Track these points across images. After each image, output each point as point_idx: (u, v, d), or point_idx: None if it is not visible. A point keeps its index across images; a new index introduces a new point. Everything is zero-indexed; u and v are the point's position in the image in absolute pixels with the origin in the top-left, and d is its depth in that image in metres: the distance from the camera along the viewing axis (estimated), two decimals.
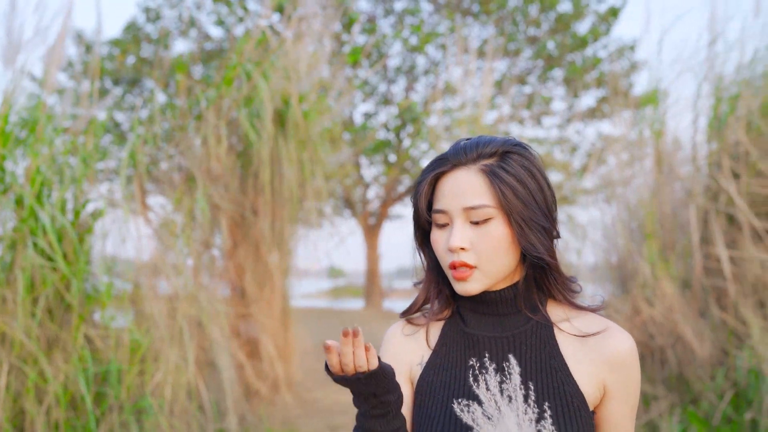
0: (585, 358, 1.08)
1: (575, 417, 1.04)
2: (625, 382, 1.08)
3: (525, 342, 1.11)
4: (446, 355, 1.15)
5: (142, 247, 4.25)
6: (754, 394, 4.15)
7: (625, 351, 1.08)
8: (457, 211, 1.09)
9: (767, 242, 4.59)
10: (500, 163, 1.08)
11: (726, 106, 5.07)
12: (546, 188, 1.10)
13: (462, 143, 1.12)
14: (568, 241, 5.98)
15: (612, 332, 1.10)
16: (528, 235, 1.07)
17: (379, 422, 1.03)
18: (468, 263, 1.08)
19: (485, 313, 1.14)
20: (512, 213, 1.06)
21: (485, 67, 6.89)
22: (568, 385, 1.06)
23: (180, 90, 5.06)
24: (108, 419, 3.56)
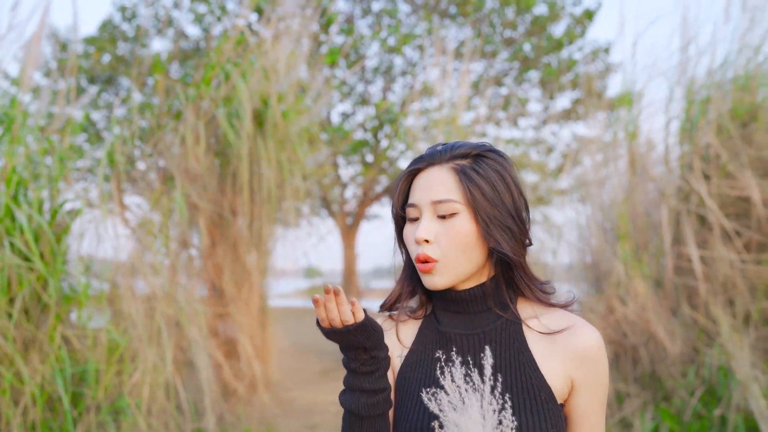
0: (552, 353, 1.12)
1: (542, 410, 1.08)
2: (592, 377, 1.12)
3: (495, 339, 1.15)
4: (422, 353, 1.19)
5: (120, 246, 4.24)
6: (724, 390, 4.24)
7: (592, 346, 1.12)
8: (425, 205, 1.13)
9: (737, 242, 4.69)
10: (472, 164, 1.13)
11: (697, 110, 5.17)
12: (516, 194, 1.14)
13: (437, 146, 1.18)
14: (543, 241, 6.05)
15: (578, 328, 1.13)
16: (493, 233, 1.11)
17: (368, 379, 1.09)
18: (431, 256, 1.12)
19: (457, 312, 1.18)
20: (478, 210, 1.10)
21: (462, 69, 6.95)
22: (535, 379, 1.10)
23: (158, 89, 5.04)
24: (85, 419, 3.55)
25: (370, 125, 12.45)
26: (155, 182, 5.00)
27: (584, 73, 11.60)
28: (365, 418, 1.10)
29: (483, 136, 9.43)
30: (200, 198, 4.84)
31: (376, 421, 1.11)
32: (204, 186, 4.91)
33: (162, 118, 5.02)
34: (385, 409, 1.11)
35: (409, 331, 1.23)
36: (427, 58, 11.58)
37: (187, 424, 4.18)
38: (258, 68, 4.99)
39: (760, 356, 4.43)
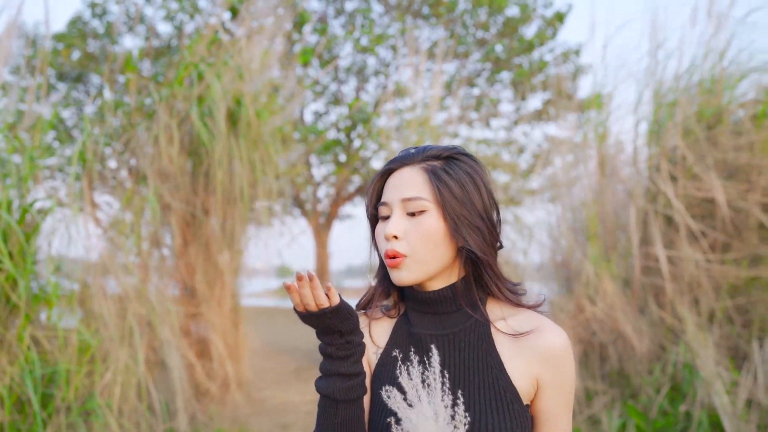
0: (519, 354, 1.15)
1: (508, 410, 1.11)
2: (558, 377, 1.14)
3: (464, 339, 1.17)
4: (391, 353, 1.22)
5: (91, 246, 4.20)
6: (688, 387, 4.34)
7: (557, 347, 1.14)
8: (396, 203, 1.17)
9: (702, 243, 4.79)
10: (443, 165, 1.17)
11: (664, 112, 5.27)
12: (486, 196, 1.18)
13: (411, 148, 1.22)
14: (514, 241, 6.12)
15: (544, 330, 1.16)
16: (462, 231, 1.14)
17: (343, 364, 1.12)
18: (399, 251, 1.15)
19: (427, 312, 1.21)
20: (447, 209, 1.14)
21: (435, 69, 7.00)
22: (501, 380, 1.13)
23: (130, 88, 5.01)
24: (55, 421, 3.52)
25: (343, 125, 12.45)
26: (127, 181, 4.96)
27: (555, 74, 11.73)
28: (340, 403, 1.13)
29: (455, 136, 9.49)
30: (173, 197, 4.81)
31: (350, 406, 1.13)
32: (176, 185, 4.88)
33: (134, 117, 4.98)
34: (359, 393, 1.14)
35: (382, 330, 1.26)
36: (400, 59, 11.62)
37: (159, 425, 4.16)
38: (232, 67, 4.98)
39: (723, 354, 4.53)
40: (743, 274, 4.70)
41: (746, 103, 5.02)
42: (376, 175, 1.24)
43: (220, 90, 4.78)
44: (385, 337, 1.25)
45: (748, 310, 4.76)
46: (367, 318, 1.28)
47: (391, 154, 7.04)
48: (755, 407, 4.09)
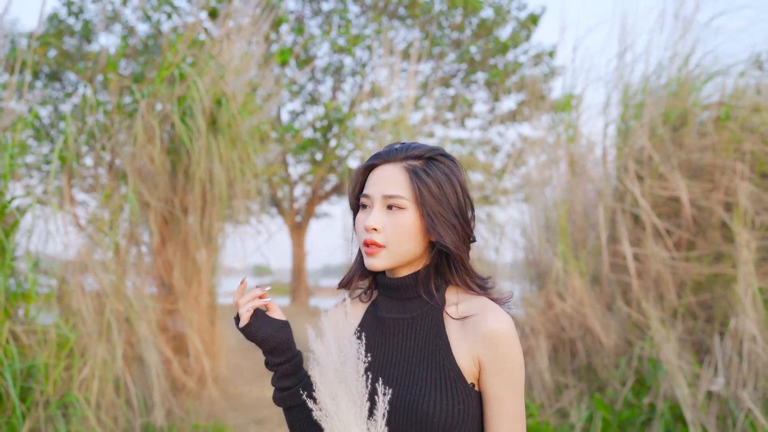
0: (464, 336, 1.25)
1: (451, 387, 1.22)
2: (497, 358, 1.22)
3: (420, 323, 1.30)
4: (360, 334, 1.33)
5: (70, 243, 4.25)
6: (653, 380, 4.49)
7: (496, 330, 1.23)
8: (377, 197, 1.28)
9: (667, 241, 4.95)
10: (424, 165, 1.28)
11: (632, 114, 5.42)
12: (461, 195, 1.30)
13: (395, 144, 1.33)
14: (487, 239, 6.25)
15: (486, 313, 1.25)
16: (437, 228, 1.26)
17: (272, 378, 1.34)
18: (377, 242, 1.27)
19: (393, 297, 1.34)
20: (425, 207, 1.25)
21: (410, 69, 7.09)
22: (447, 360, 1.24)
23: (111, 87, 5.05)
24: (34, 414, 3.57)
25: (320, 125, 12.52)
26: (105, 179, 5.00)
27: (529, 75, 11.90)
28: (284, 409, 1.34)
29: (431, 136, 9.61)
30: (151, 195, 4.87)
31: (292, 412, 1.33)
32: (155, 183, 4.94)
33: (113, 116, 5.03)
34: (293, 403, 1.31)
35: (357, 313, 1.41)
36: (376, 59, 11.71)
37: (136, 419, 4.22)
38: (212, 68, 5.04)
39: (688, 348, 4.69)
40: (706, 271, 4.86)
41: (710, 106, 5.18)
42: (360, 167, 1.36)
43: (202, 90, 4.84)
44: (358, 319, 1.40)
45: (711, 306, 4.92)
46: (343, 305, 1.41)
47: (366, 153, 7.14)
48: (715, 399, 4.25)
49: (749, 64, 5.11)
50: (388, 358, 1.30)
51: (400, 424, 1.21)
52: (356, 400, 1.16)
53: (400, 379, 1.26)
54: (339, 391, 1.16)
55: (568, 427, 4.63)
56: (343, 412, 1.15)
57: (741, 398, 4.10)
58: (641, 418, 4.38)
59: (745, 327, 4.28)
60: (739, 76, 5.14)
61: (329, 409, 1.16)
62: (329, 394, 1.16)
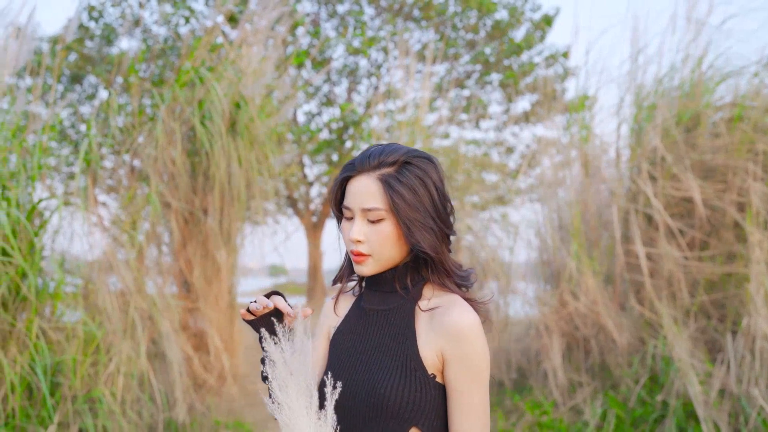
0: (430, 329, 1.33)
1: (411, 376, 1.30)
2: (459, 352, 1.29)
3: (394, 314, 1.38)
4: (347, 323, 1.46)
5: (95, 243, 4.37)
6: (665, 378, 4.55)
7: (458, 324, 1.29)
8: (357, 210, 1.36)
9: (680, 240, 5.00)
10: (396, 174, 1.34)
11: (645, 115, 5.48)
12: (436, 196, 1.35)
13: (370, 151, 1.38)
14: (501, 239, 6.32)
15: (452, 308, 1.32)
16: (414, 234, 1.33)
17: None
18: (363, 252, 1.36)
19: (376, 290, 1.43)
20: (400, 215, 1.32)
21: (425, 71, 7.18)
22: (410, 350, 1.32)
23: (132, 91, 5.18)
24: (62, 408, 3.69)
25: (335, 126, 12.63)
26: (124, 180, 5.13)
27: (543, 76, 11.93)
28: None
29: (446, 137, 9.68)
30: (173, 196, 4.99)
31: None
32: (176, 185, 5.06)
33: (135, 118, 5.16)
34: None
35: (346, 304, 1.51)
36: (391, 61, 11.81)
37: (159, 415, 4.34)
38: (230, 72, 5.16)
39: (700, 347, 4.75)
40: (719, 271, 4.91)
41: (723, 107, 5.23)
42: (336, 180, 1.42)
43: (220, 93, 4.96)
44: (346, 309, 1.50)
45: (724, 305, 4.97)
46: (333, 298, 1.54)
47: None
48: (727, 396, 4.30)
49: (762, 66, 5.15)
50: (363, 345, 1.38)
51: (359, 406, 1.30)
52: (304, 391, 1.25)
53: (367, 365, 1.34)
54: (289, 382, 1.24)
55: (581, 424, 4.70)
56: (293, 402, 1.23)
57: (753, 396, 4.15)
58: (654, 416, 4.44)
59: (758, 325, 4.33)
60: (753, 76, 5.18)
61: (281, 401, 1.24)
62: (279, 386, 1.24)
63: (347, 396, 1.32)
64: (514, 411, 5.19)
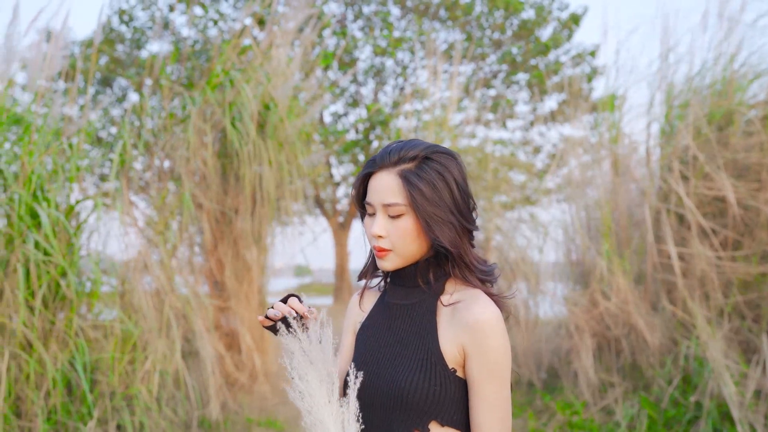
0: (451, 324, 1.34)
1: (431, 370, 1.31)
2: (479, 347, 1.29)
3: (416, 309, 1.40)
4: (371, 318, 1.48)
5: (130, 243, 4.45)
6: (699, 379, 4.51)
7: (479, 319, 1.30)
8: (378, 206, 1.37)
9: (713, 240, 4.95)
10: (416, 169, 1.35)
11: (676, 114, 5.43)
12: (457, 191, 1.36)
13: (390, 147, 1.40)
14: (530, 239, 6.31)
15: (474, 303, 1.33)
16: (433, 229, 1.34)
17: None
18: (385, 248, 1.37)
19: (399, 285, 1.45)
20: (419, 210, 1.33)
21: (452, 71, 7.18)
22: (431, 344, 1.33)
23: (163, 93, 5.26)
24: (101, 404, 3.76)
25: (362, 127, 12.68)
26: (159, 182, 5.21)
27: (570, 76, 11.87)
28: None
29: (473, 137, 9.67)
30: (205, 197, 5.06)
31: None
32: (207, 186, 5.13)
33: (166, 121, 5.23)
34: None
35: (372, 299, 1.53)
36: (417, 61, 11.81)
37: (193, 412, 4.40)
38: (260, 74, 5.22)
39: (734, 347, 4.70)
40: (753, 271, 4.85)
41: (757, 104, 5.16)
42: (358, 176, 1.44)
43: (250, 95, 5.02)
44: (371, 304, 1.52)
45: (759, 305, 4.91)
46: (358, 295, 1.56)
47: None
48: (763, 397, 4.25)
49: None
50: (386, 339, 1.40)
51: (381, 399, 1.32)
52: (325, 379, 1.26)
53: (390, 359, 1.36)
54: (309, 371, 1.25)
55: (613, 424, 4.68)
56: (314, 390, 1.25)
57: None
58: (688, 417, 4.41)
59: None
60: None
61: (302, 389, 1.25)
62: (299, 375, 1.25)
63: (370, 389, 1.34)
64: (545, 411, 5.18)
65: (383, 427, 1.33)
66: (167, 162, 5.25)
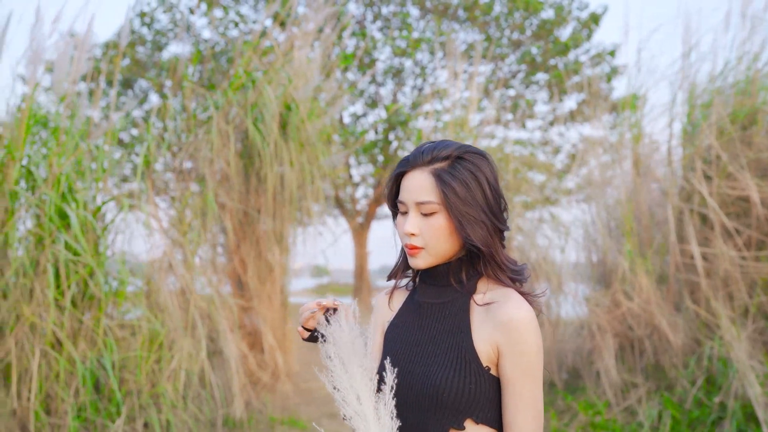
0: (485, 322, 1.36)
1: (466, 368, 1.33)
2: (513, 345, 1.31)
3: (448, 308, 1.41)
4: (401, 316, 1.48)
5: (155, 243, 4.50)
6: (723, 379, 4.49)
7: (513, 318, 1.32)
8: (411, 204, 1.39)
9: (737, 240, 4.93)
10: (449, 168, 1.37)
11: (699, 113, 5.41)
12: (489, 191, 1.38)
13: (423, 147, 1.42)
14: (551, 239, 6.30)
15: (507, 302, 1.34)
16: (465, 228, 1.36)
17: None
18: (417, 245, 1.39)
19: (430, 284, 1.46)
20: (452, 209, 1.35)
21: (471, 71, 7.19)
22: (465, 342, 1.35)
23: (186, 95, 5.32)
24: (128, 402, 3.82)
25: (381, 127, 12.70)
26: (183, 182, 5.26)
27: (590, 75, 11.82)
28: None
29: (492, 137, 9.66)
30: (228, 198, 5.11)
31: None
32: (230, 186, 5.18)
33: (189, 122, 5.29)
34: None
35: (401, 297, 1.54)
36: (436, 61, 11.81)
37: (218, 410, 4.45)
38: (282, 75, 5.26)
39: (757, 347, 4.67)
40: None
41: None
42: (391, 175, 1.47)
43: (272, 96, 5.06)
44: (399, 303, 1.53)
45: None
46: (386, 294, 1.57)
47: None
48: None
49: None
50: (418, 337, 1.41)
51: (416, 397, 1.33)
52: (366, 373, 1.28)
53: (423, 357, 1.37)
54: (351, 361, 1.28)
55: (636, 425, 4.67)
56: (356, 381, 1.27)
57: None
58: (712, 417, 4.39)
59: None
60: None
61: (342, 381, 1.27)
62: (342, 366, 1.28)
63: (403, 387, 1.35)
64: (567, 411, 5.17)
65: (418, 425, 1.34)
66: (189, 163, 5.32)
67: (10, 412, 3.52)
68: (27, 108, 3.93)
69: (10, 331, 3.58)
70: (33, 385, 3.45)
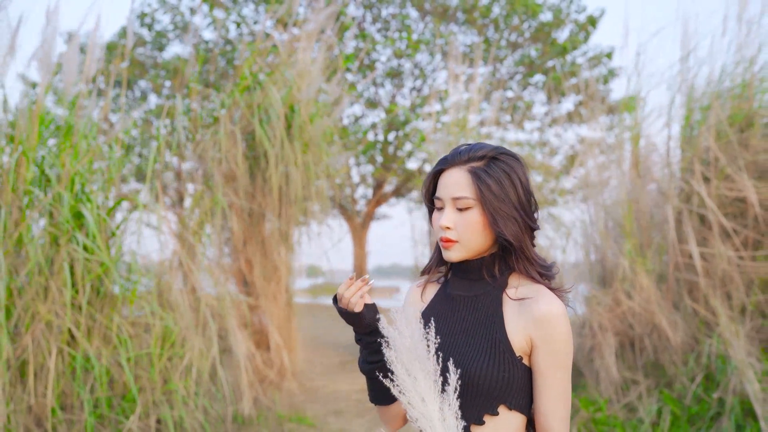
0: (518, 316, 1.44)
1: (500, 357, 1.41)
2: (546, 338, 1.40)
3: (481, 300, 1.50)
4: (432, 308, 1.56)
5: (166, 243, 4.58)
6: (722, 376, 4.58)
7: (547, 312, 1.40)
8: (447, 199, 1.48)
9: (734, 240, 5.03)
10: (485, 166, 1.46)
11: (698, 116, 5.50)
12: (521, 189, 1.47)
13: (460, 148, 1.52)
14: (553, 239, 6.40)
15: (540, 297, 1.42)
16: (498, 222, 1.44)
17: (362, 352, 1.52)
18: (451, 239, 1.47)
19: (462, 278, 1.54)
20: (486, 205, 1.44)
21: (470, 73, 7.27)
22: (499, 334, 1.43)
23: (192, 97, 5.39)
24: (141, 399, 3.90)
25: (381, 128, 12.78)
26: (190, 183, 5.34)
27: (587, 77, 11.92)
28: (366, 378, 1.54)
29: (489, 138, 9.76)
30: (236, 198, 5.19)
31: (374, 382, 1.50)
32: (237, 186, 5.26)
33: (196, 123, 5.37)
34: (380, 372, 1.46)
35: (433, 290, 1.63)
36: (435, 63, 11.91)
37: (227, 407, 4.53)
38: (288, 77, 5.34)
39: (754, 344, 4.77)
40: None
41: None
42: (430, 172, 1.55)
43: (277, 97, 5.14)
44: (431, 295, 1.62)
45: None
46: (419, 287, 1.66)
47: (429, 155, 7.35)
48: None
49: None
50: (450, 328, 1.49)
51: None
52: (429, 375, 1.34)
53: (457, 347, 1.45)
54: (414, 367, 1.33)
55: (636, 421, 4.76)
56: (420, 385, 1.32)
57: None
58: (710, 413, 4.49)
59: None
60: None
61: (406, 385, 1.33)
62: (405, 371, 1.33)
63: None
64: None
65: None
66: (193, 163, 5.39)
67: (26, 408, 3.60)
68: (38, 108, 4.00)
69: (26, 329, 3.65)
70: (49, 382, 3.52)
